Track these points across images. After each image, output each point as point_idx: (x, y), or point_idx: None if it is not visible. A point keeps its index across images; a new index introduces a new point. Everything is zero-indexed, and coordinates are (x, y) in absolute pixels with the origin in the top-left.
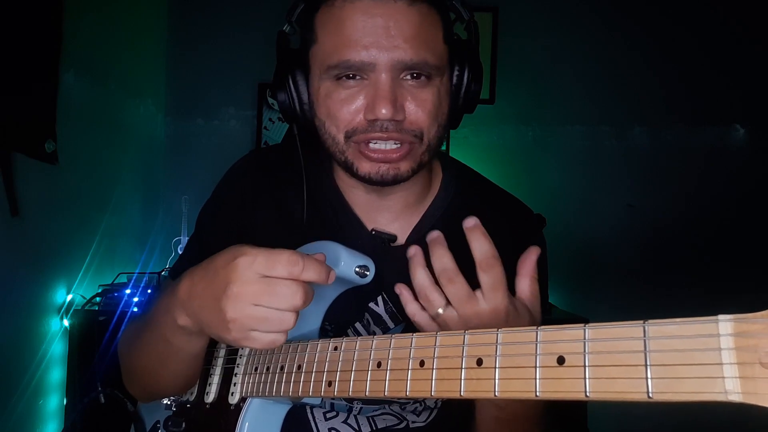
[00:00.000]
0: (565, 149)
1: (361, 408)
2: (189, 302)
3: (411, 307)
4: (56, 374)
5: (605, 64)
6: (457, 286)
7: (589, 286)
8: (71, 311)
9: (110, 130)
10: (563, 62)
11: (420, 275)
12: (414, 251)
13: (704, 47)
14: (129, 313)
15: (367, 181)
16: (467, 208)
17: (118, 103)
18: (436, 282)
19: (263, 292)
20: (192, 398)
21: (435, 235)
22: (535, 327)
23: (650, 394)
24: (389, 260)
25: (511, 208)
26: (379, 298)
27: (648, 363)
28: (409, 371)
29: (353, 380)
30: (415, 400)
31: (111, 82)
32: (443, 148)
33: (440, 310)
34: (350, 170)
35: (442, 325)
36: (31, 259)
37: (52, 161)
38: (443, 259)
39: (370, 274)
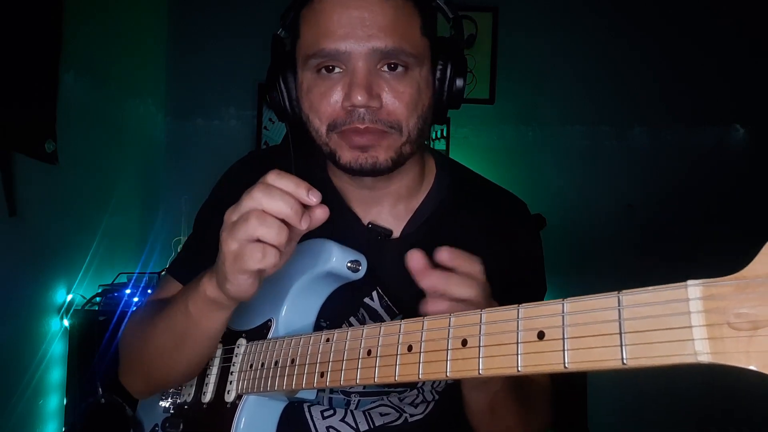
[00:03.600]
0: (565, 149)
1: (359, 401)
2: (214, 270)
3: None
4: (56, 374)
5: (605, 64)
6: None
7: (588, 286)
8: (71, 311)
9: (110, 130)
10: (563, 62)
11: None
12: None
13: (704, 47)
14: (130, 312)
15: (348, 170)
16: (461, 202)
17: (118, 103)
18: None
19: (236, 221)
20: (189, 399)
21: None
22: (516, 305)
23: (624, 361)
24: (385, 254)
25: (505, 203)
26: (374, 293)
27: (622, 331)
28: (398, 356)
29: (344, 369)
30: (412, 388)
31: (111, 83)
32: (443, 148)
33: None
34: (334, 160)
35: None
36: (31, 259)
37: (52, 161)
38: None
39: (362, 269)
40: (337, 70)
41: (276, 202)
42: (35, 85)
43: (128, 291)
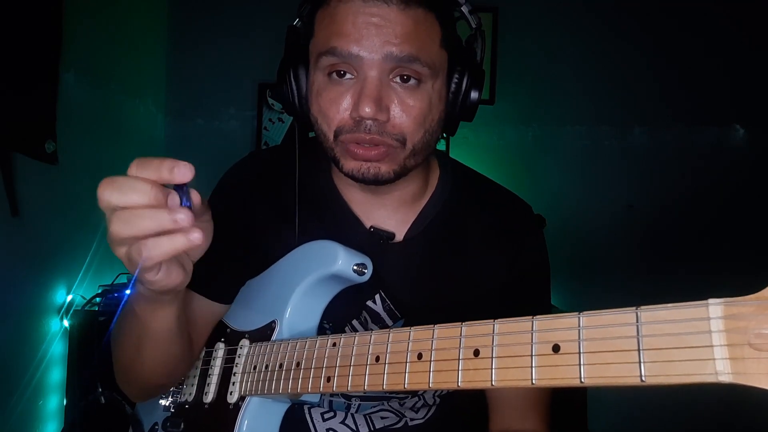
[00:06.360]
0: (565, 149)
1: (359, 405)
2: None
3: None
4: (56, 374)
5: (605, 64)
6: None
7: (589, 286)
8: (71, 311)
9: (110, 130)
10: (563, 62)
11: None
12: None
13: (704, 47)
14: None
15: (351, 178)
16: (464, 205)
17: (118, 103)
18: None
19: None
20: (191, 399)
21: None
22: (531, 317)
23: (643, 378)
24: (387, 258)
25: (508, 204)
26: (377, 296)
27: (641, 347)
28: (407, 364)
29: (352, 375)
30: (414, 394)
31: (111, 83)
32: (443, 149)
33: None
34: (337, 166)
35: None
36: (31, 260)
37: (52, 161)
38: None
39: (368, 272)
40: (348, 76)
41: (128, 196)
42: (35, 85)
43: (128, 291)
